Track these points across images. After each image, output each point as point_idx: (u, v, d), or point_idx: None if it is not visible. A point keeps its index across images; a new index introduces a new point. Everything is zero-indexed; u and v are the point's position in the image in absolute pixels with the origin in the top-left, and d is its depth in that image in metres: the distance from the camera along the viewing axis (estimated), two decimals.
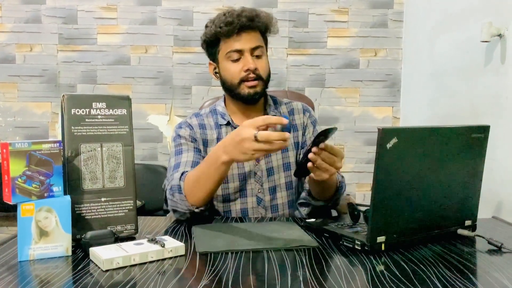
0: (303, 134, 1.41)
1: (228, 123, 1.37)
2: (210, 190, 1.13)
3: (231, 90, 1.32)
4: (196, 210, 1.16)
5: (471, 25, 1.64)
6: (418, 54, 2.22)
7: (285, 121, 0.96)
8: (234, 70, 1.29)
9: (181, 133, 1.35)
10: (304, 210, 1.34)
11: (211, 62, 1.37)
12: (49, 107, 2.43)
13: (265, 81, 1.32)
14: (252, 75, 1.28)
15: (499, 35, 1.42)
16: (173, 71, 2.43)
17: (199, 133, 1.36)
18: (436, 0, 2.01)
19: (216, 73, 1.36)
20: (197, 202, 1.15)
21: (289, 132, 0.97)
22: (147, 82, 2.43)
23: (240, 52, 1.28)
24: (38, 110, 2.43)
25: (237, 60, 1.29)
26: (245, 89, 1.29)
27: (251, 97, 1.30)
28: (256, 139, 0.95)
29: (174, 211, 1.20)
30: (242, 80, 1.29)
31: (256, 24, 1.29)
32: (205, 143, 1.36)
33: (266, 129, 0.98)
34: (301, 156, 1.37)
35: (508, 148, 1.38)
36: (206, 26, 1.33)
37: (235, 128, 1.37)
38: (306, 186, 1.35)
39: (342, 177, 1.34)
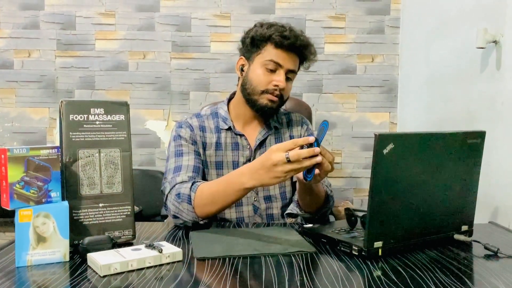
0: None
1: (229, 129, 1.37)
2: (223, 208, 1.14)
3: (249, 94, 1.33)
4: (201, 222, 1.17)
5: (467, 31, 1.65)
6: (415, 60, 2.23)
7: (311, 139, 1.00)
8: (264, 79, 1.30)
9: (181, 133, 1.34)
10: (291, 221, 1.34)
11: (242, 57, 1.37)
12: (47, 113, 2.43)
13: (283, 102, 1.35)
14: (277, 92, 1.30)
15: (495, 42, 1.43)
16: (171, 77, 2.43)
17: (199, 135, 1.35)
18: (432, 6, 2.02)
19: (242, 70, 1.37)
20: (205, 216, 1.16)
21: (318, 147, 1.00)
22: (145, 88, 2.44)
23: (278, 66, 1.30)
24: (36, 115, 2.43)
25: (271, 71, 1.30)
26: (264, 99, 1.31)
27: (267, 108, 1.32)
28: (289, 161, 0.98)
29: (175, 217, 1.19)
30: (266, 91, 1.30)
31: (304, 53, 1.32)
32: (204, 146, 1.35)
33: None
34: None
35: (504, 153, 1.39)
36: (255, 26, 1.34)
37: (236, 134, 1.37)
38: (295, 197, 1.35)
39: (331, 191, 1.34)
